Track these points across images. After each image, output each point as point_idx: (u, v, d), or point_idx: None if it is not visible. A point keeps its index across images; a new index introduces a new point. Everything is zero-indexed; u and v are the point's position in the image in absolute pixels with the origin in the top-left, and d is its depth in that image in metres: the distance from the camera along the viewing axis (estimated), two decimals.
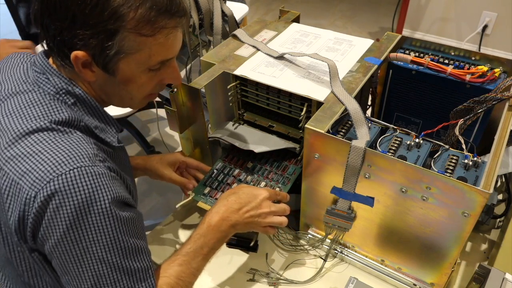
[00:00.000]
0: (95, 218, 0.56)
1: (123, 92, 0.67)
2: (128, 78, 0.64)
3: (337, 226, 0.81)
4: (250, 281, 0.82)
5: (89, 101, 0.66)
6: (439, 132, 0.92)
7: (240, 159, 0.95)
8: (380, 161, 0.67)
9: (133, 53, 0.61)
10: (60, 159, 0.56)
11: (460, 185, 0.61)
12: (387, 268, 0.81)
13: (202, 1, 1.25)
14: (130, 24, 0.58)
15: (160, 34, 0.61)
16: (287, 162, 0.92)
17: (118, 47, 0.59)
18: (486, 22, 2.60)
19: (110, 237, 0.58)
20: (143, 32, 0.59)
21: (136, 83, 0.66)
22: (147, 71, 0.65)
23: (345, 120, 0.77)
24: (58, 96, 0.63)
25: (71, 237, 0.56)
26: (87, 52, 0.59)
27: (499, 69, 0.84)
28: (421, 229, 0.70)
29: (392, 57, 0.91)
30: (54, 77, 0.64)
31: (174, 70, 0.69)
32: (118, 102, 0.71)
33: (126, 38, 0.59)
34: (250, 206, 0.74)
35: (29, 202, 0.55)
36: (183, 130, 0.90)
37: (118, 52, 0.59)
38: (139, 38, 0.59)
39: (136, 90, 0.67)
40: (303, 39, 0.98)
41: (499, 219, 0.92)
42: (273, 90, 0.86)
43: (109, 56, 0.60)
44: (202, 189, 0.89)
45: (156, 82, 0.68)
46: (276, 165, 0.92)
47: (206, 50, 1.36)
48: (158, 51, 0.62)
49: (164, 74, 0.68)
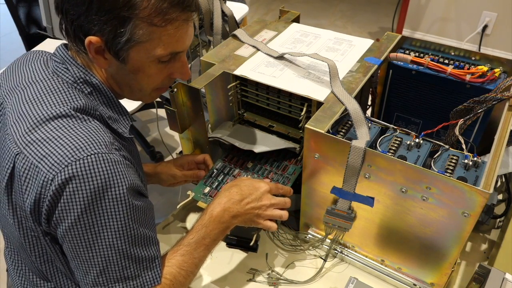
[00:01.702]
0: (110, 204, 0.58)
1: (133, 82, 0.69)
2: (138, 67, 0.66)
3: (337, 226, 0.81)
4: (250, 281, 0.82)
5: (105, 91, 0.68)
6: (439, 132, 0.92)
7: (240, 159, 0.95)
8: (380, 161, 0.67)
9: (144, 42, 0.62)
10: (79, 145, 0.58)
11: (460, 185, 0.61)
12: (387, 268, 0.81)
13: (202, 1, 1.25)
14: (142, 13, 0.60)
15: (171, 26, 0.62)
16: (287, 162, 0.92)
17: (130, 34, 0.61)
18: (486, 22, 2.60)
19: (122, 224, 0.59)
20: (154, 22, 0.61)
21: (145, 73, 0.67)
22: (156, 62, 0.66)
23: (345, 120, 0.77)
24: (75, 85, 0.66)
25: (85, 221, 0.58)
26: (100, 38, 0.61)
27: (499, 69, 0.84)
28: (421, 229, 0.70)
29: (392, 57, 0.91)
30: (73, 67, 0.66)
31: (184, 65, 0.70)
32: (128, 93, 0.73)
33: (138, 26, 0.61)
34: (251, 198, 0.75)
35: (46, 184, 0.56)
36: (183, 130, 0.90)
37: (129, 40, 0.61)
38: (150, 27, 0.61)
39: (145, 81, 0.69)
40: (303, 39, 0.98)
41: (499, 219, 0.92)
42: (273, 90, 0.86)
43: (121, 43, 0.62)
44: (202, 189, 0.89)
45: (165, 75, 0.70)
46: (276, 165, 0.92)
47: (206, 50, 1.36)
48: (167, 43, 0.64)
49: (173, 68, 0.70)
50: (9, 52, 2.82)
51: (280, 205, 0.78)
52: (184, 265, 0.68)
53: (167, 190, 2.02)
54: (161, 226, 0.95)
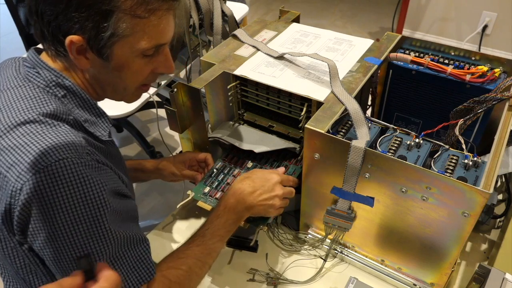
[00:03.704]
0: (84, 210, 0.56)
1: (117, 80, 0.67)
2: (122, 63, 0.64)
3: (337, 226, 0.81)
4: (250, 281, 0.82)
5: (80, 93, 0.66)
6: (439, 132, 0.92)
7: (240, 159, 0.95)
8: (380, 161, 0.67)
9: (128, 35, 0.61)
10: (47, 151, 0.55)
11: (460, 185, 0.61)
12: (387, 268, 0.81)
13: (202, 1, 1.25)
14: (125, 5, 0.58)
15: (154, 16, 0.61)
16: (287, 162, 0.92)
17: (113, 29, 0.59)
18: (486, 22, 2.60)
19: (101, 228, 0.58)
20: (137, 13, 0.59)
21: (130, 69, 0.65)
22: (141, 57, 0.65)
23: (345, 120, 0.77)
24: (48, 89, 0.64)
25: (61, 230, 0.56)
26: (82, 36, 0.59)
27: (499, 69, 0.84)
28: (421, 229, 0.70)
29: (392, 57, 0.91)
30: (44, 71, 0.64)
31: (167, 59, 0.69)
32: (111, 93, 0.71)
33: (121, 19, 0.59)
34: (263, 189, 0.77)
35: (15, 195, 0.54)
36: (183, 130, 0.90)
37: (113, 35, 0.60)
38: (134, 20, 0.60)
39: (130, 78, 0.67)
40: (303, 39, 0.98)
41: (499, 219, 0.92)
42: (273, 90, 0.86)
43: (104, 39, 0.60)
44: (202, 189, 0.89)
45: (150, 70, 0.68)
46: (276, 165, 0.92)
47: (206, 50, 1.36)
48: (151, 34, 0.62)
49: (157, 62, 0.68)
50: (9, 52, 2.82)
51: (287, 194, 0.81)
52: (200, 255, 0.69)
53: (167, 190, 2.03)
54: (161, 226, 0.95)
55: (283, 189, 0.79)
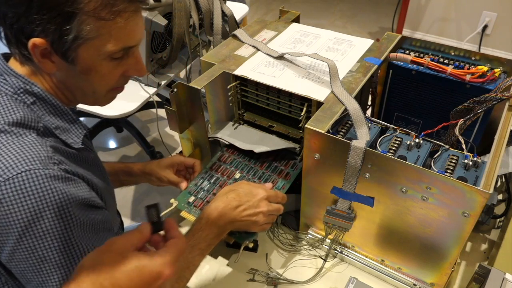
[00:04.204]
0: (49, 224, 0.54)
1: (85, 84, 0.65)
2: (89, 67, 0.62)
3: (337, 226, 0.81)
4: (250, 281, 0.82)
5: (49, 99, 0.64)
6: (439, 132, 0.92)
7: (227, 169, 0.91)
8: (380, 161, 0.67)
9: (93, 38, 0.58)
10: (9, 162, 0.54)
11: (460, 185, 0.61)
12: (387, 268, 0.81)
13: (202, 1, 1.25)
14: (88, 7, 0.56)
15: (120, 18, 0.58)
16: (276, 175, 0.88)
17: (77, 31, 0.57)
18: (486, 22, 2.60)
19: (68, 242, 0.56)
20: (101, 15, 0.57)
21: (97, 73, 0.63)
22: (108, 60, 0.62)
23: (345, 120, 0.77)
24: (16, 97, 0.61)
25: (25, 245, 0.54)
26: (45, 39, 0.57)
27: (499, 69, 0.84)
28: (421, 229, 0.70)
29: (392, 57, 0.91)
30: (11, 77, 0.62)
31: (138, 61, 0.67)
32: (82, 98, 0.69)
33: (85, 22, 0.56)
34: (248, 204, 0.75)
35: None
36: (183, 130, 0.90)
37: (76, 37, 0.57)
38: (98, 22, 0.57)
39: (98, 82, 0.65)
40: (303, 39, 0.98)
41: (499, 219, 0.92)
42: (273, 90, 0.86)
43: (68, 42, 0.57)
44: (186, 198, 0.86)
45: (120, 73, 0.66)
46: (266, 177, 0.88)
47: (206, 50, 1.36)
48: (118, 37, 0.60)
49: (127, 65, 0.66)
50: None
51: (274, 212, 0.78)
52: (177, 269, 0.64)
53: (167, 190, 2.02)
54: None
55: (269, 206, 0.76)
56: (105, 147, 2.29)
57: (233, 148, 0.95)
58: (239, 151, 0.94)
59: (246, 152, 0.92)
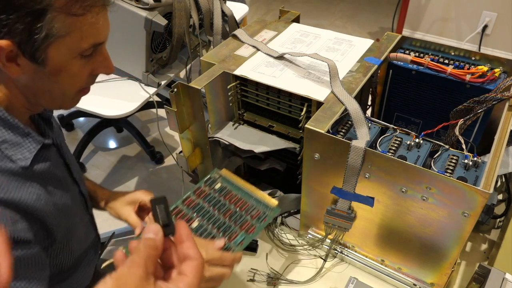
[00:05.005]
0: None
1: (54, 86, 0.62)
2: (59, 66, 0.59)
3: (337, 226, 0.81)
4: (250, 281, 0.82)
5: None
6: (439, 132, 0.92)
7: (187, 215, 0.74)
8: (380, 161, 0.67)
9: (64, 36, 0.56)
10: None
11: (460, 185, 0.61)
12: (387, 268, 0.81)
13: (202, 1, 1.25)
14: (58, 2, 0.53)
15: (90, 13, 0.57)
16: (239, 227, 0.72)
17: (48, 29, 0.54)
18: (486, 22, 2.60)
19: None
20: (73, 11, 0.55)
21: (67, 73, 0.60)
22: (78, 58, 0.60)
23: (345, 120, 0.77)
24: None
25: None
26: (12, 41, 0.54)
27: (499, 69, 0.84)
28: (421, 229, 0.70)
29: (392, 57, 0.91)
30: None
31: (106, 58, 0.65)
32: (48, 101, 0.65)
33: (56, 18, 0.54)
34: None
35: None
36: (183, 130, 0.90)
37: (47, 36, 0.55)
38: (69, 18, 0.55)
39: (68, 82, 0.62)
40: (303, 39, 0.98)
41: (499, 219, 0.92)
42: (273, 90, 0.86)
43: (38, 42, 0.55)
44: None
45: (88, 72, 0.64)
46: (230, 231, 0.73)
47: (206, 50, 1.36)
48: (89, 33, 0.58)
49: (96, 63, 0.64)
50: None
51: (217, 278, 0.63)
52: None
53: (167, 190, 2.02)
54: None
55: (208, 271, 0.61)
56: (105, 147, 2.30)
57: (202, 192, 0.77)
58: (206, 197, 0.77)
59: (216, 195, 0.77)
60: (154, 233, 0.42)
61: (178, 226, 0.45)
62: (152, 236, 0.42)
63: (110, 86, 1.30)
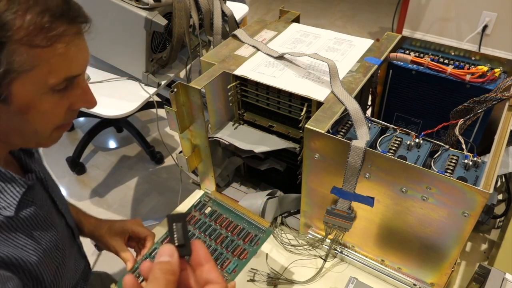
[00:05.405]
0: None
1: (23, 124, 0.55)
2: (27, 104, 0.52)
3: (337, 226, 0.81)
4: (250, 281, 0.82)
5: None
6: (439, 132, 0.92)
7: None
8: (380, 161, 0.67)
9: (28, 70, 0.49)
10: None
11: (460, 185, 0.61)
12: (387, 268, 0.81)
13: (202, 1, 1.25)
14: (18, 34, 0.47)
15: (59, 44, 0.50)
16: (231, 253, 0.74)
17: (7, 64, 0.48)
18: (486, 22, 2.60)
19: None
20: (36, 42, 0.48)
21: (37, 110, 0.53)
22: (50, 93, 0.53)
23: (345, 120, 0.77)
24: None
25: None
26: None
27: (499, 69, 0.84)
28: (421, 229, 0.70)
29: (392, 57, 0.91)
30: None
31: (85, 91, 0.58)
32: (22, 141, 0.59)
33: (16, 51, 0.48)
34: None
35: None
36: (183, 130, 0.90)
37: (8, 71, 0.48)
38: (33, 50, 0.49)
39: (39, 120, 0.55)
40: (303, 39, 0.98)
41: (499, 219, 0.92)
42: (273, 90, 0.86)
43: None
44: None
45: (65, 107, 0.56)
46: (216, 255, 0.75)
47: (206, 50, 1.36)
48: (59, 66, 0.52)
49: (74, 97, 0.56)
50: None
51: None
52: None
53: (167, 190, 2.03)
54: (161, 226, 0.95)
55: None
56: (105, 147, 2.30)
57: (192, 218, 0.81)
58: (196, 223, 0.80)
59: (207, 220, 0.79)
60: (169, 256, 0.38)
61: (195, 247, 0.39)
62: (167, 259, 0.37)
63: (110, 86, 1.30)
